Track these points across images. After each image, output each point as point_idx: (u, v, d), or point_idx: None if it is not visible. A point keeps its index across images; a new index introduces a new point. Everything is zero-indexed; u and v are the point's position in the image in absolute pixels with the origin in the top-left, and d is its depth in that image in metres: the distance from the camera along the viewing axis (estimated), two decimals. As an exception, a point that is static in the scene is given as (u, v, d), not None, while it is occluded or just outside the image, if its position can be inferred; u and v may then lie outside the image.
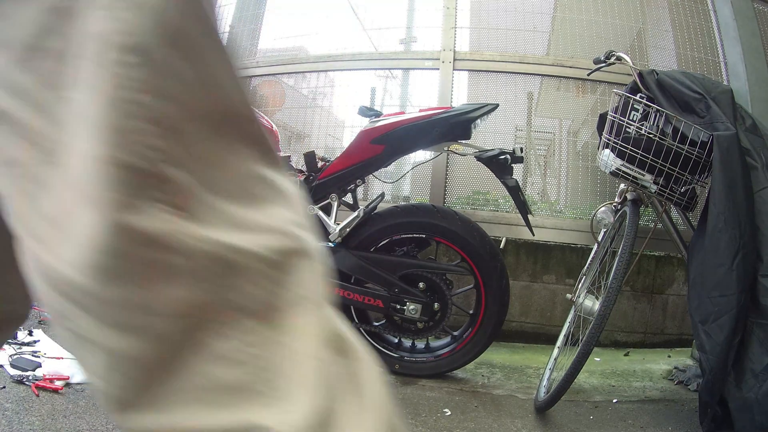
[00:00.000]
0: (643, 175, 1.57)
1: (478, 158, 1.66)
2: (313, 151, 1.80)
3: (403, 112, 1.77)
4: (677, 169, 1.52)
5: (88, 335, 0.29)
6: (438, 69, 2.63)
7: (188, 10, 0.30)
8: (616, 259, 1.48)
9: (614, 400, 1.67)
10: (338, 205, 1.76)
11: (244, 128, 0.34)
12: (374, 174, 1.90)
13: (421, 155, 2.29)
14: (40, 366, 1.52)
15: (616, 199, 1.80)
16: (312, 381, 0.31)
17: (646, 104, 1.63)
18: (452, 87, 2.59)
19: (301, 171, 1.88)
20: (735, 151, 1.39)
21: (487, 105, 1.64)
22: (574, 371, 1.40)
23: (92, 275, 0.27)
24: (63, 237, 0.28)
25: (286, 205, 0.35)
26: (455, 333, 1.85)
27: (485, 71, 2.62)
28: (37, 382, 1.41)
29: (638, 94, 1.67)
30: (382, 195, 1.98)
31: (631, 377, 1.91)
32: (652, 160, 1.53)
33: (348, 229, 1.73)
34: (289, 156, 1.93)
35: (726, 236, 1.33)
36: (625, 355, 2.23)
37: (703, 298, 1.38)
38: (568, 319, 1.82)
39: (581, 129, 2.79)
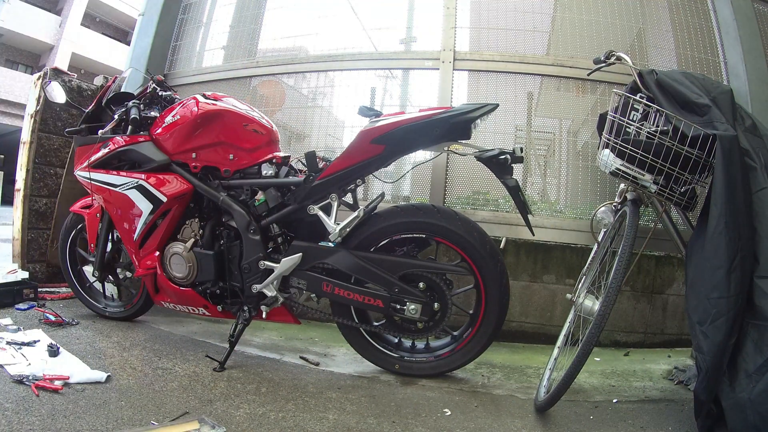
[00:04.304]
0: (643, 175, 1.56)
1: (478, 158, 1.66)
2: (314, 150, 1.79)
3: (403, 112, 1.76)
4: (677, 169, 1.52)
5: None
6: (438, 69, 2.63)
7: None
8: (616, 259, 1.48)
9: (614, 400, 1.67)
10: (338, 205, 1.76)
11: None
12: (374, 174, 1.90)
13: (421, 155, 2.29)
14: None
15: (616, 199, 1.80)
16: None
17: (646, 104, 1.63)
18: (452, 87, 2.59)
19: (301, 171, 1.88)
20: (736, 153, 1.39)
21: (487, 105, 1.64)
22: (574, 371, 1.40)
23: None
24: None
25: None
26: (455, 333, 1.85)
27: (485, 71, 2.62)
28: (37, 382, 1.41)
29: (638, 94, 1.67)
30: (382, 195, 1.98)
31: (631, 377, 1.91)
32: (651, 159, 1.53)
33: (348, 229, 1.73)
34: (289, 156, 1.93)
35: (726, 238, 1.33)
36: (625, 355, 2.23)
37: (701, 299, 1.38)
38: (568, 319, 1.82)
39: (581, 129, 2.79)
